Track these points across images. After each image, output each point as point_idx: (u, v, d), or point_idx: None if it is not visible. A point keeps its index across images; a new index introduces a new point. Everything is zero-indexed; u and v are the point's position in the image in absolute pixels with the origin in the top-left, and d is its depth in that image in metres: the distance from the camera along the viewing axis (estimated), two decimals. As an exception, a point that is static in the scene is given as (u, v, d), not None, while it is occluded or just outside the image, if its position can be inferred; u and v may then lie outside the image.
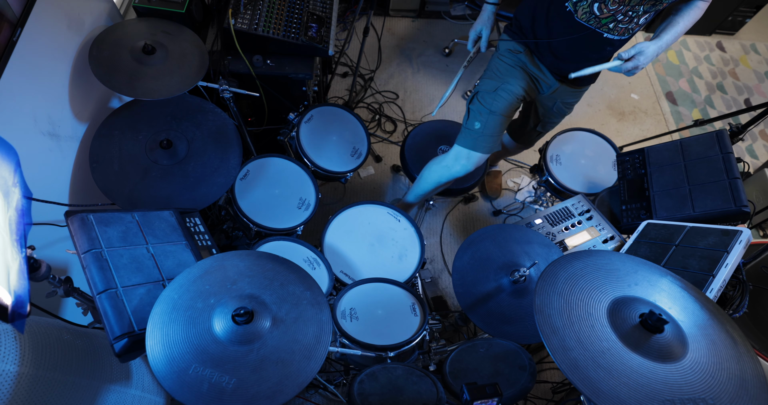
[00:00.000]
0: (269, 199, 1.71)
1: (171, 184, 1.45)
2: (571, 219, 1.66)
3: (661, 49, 1.39)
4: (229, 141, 1.57)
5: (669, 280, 1.03)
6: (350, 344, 1.35)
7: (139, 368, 1.21)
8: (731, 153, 1.49)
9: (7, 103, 1.19)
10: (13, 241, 0.85)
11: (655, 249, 1.37)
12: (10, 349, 0.87)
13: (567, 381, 1.77)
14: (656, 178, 1.59)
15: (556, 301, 0.94)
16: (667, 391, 0.82)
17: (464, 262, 1.42)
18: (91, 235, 1.07)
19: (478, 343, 1.33)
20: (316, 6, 1.94)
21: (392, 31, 3.19)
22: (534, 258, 1.41)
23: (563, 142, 2.03)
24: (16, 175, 0.94)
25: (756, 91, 3.34)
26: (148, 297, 1.05)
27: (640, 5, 1.30)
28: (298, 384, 0.91)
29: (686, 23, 1.40)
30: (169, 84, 1.47)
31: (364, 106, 2.79)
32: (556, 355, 0.86)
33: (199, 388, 0.87)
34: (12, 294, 0.80)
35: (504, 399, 1.09)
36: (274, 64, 1.85)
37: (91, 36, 1.53)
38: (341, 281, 1.57)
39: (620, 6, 1.30)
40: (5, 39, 1.15)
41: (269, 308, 0.99)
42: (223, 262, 1.07)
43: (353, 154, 1.89)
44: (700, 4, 1.39)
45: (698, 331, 0.93)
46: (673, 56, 3.43)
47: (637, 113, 3.08)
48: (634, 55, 1.35)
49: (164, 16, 1.67)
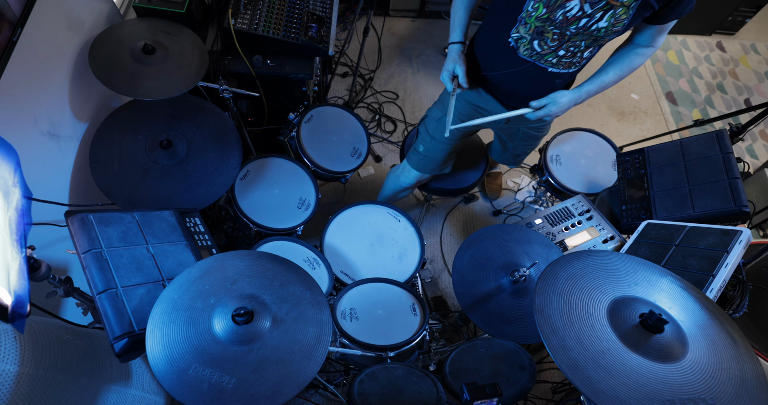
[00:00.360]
0: (269, 199, 1.71)
1: (171, 184, 1.45)
2: (571, 219, 1.66)
3: (580, 99, 1.39)
4: (229, 141, 1.57)
5: (669, 280, 1.03)
6: (350, 344, 1.35)
7: (139, 368, 1.21)
8: (731, 153, 1.49)
9: (7, 103, 1.19)
10: (13, 241, 0.85)
11: (655, 249, 1.37)
12: (10, 349, 0.87)
13: (567, 381, 1.77)
14: (656, 178, 1.59)
15: (556, 301, 0.94)
16: (667, 391, 0.82)
17: (464, 262, 1.42)
18: (91, 235, 1.07)
19: (478, 343, 1.33)
20: (316, 6, 1.94)
21: (392, 31, 3.19)
22: (534, 258, 1.41)
23: (563, 142, 2.03)
24: (16, 175, 0.94)
25: (756, 91, 3.34)
26: (148, 297, 1.05)
27: (581, 41, 1.30)
28: (298, 384, 0.91)
29: (619, 74, 1.39)
30: (169, 84, 1.47)
31: (364, 106, 2.79)
32: (556, 355, 0.86)
33: (199, 388, 0.87)
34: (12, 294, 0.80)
35: (504, 399, 1.09)
36: (274, 64, 1.85)
37: (91, 36, 1.53)
38: (341, 281, 1.57)
39: (560, 42, 1.30)
40: (5, 39, 1.15)
41: (269, 308, 0.99)
42: (223, 262, 1.07)
43: (353, 154, 1.89)
44: (642, 50, 1.37)
45: (698, 331, 0.93)
46: (673, 56, 3.43)
47: (637, 113, 3.08)
48: (545, 104, 1.38)
49: (164, 16, 1.67)
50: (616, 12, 1.20)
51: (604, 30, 1.25)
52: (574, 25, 1.24)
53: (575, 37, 1.28)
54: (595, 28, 1.24)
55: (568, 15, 1.23)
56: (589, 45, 1.32)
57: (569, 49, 1.32)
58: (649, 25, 1.30)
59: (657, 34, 1.33)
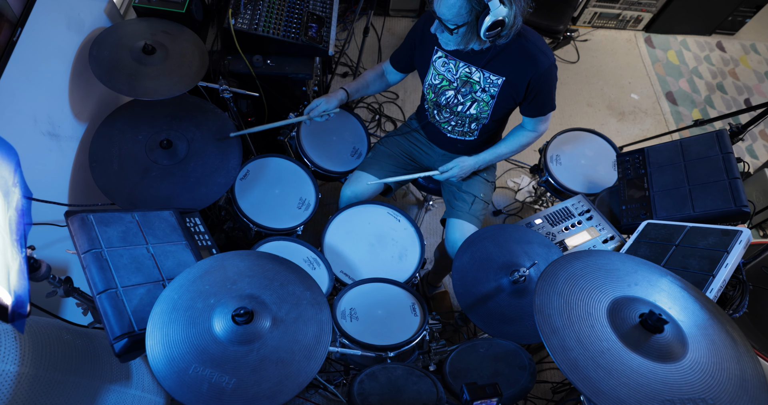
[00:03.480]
0: (269, 199, 1.71)
1: (171, 184, 1.45)
2: (571, 219, 1.66)
3: (477, 164, 1.65)
4: (229, 141, 1.57)
5: (669, 280, 1.03)
6: (350, 344, 1.35)
7: (139, 368, 1.21)
8: (731, 153, 1.49)
9: (7, 103, 1.19)
10: (13, 241, 0.85)
11: (655, 249, 1.37)
12: (10, 349, 0.87)
13: (567, 381, 1.77)
14: (656, 178, 1.59)
15: (556, 301, 0.94)
16: (667, 391, 0.82)
17: (464, 262, 1.42)
18: (91, 235, 1.07)
19: (478, 343, 1.33)
20: (316, 6, 1.94)
21: (392, 31, 3.19)
22: (534, 258, 1.41)
23: (563, 142, 2.03)
24: (16, 175, 0.94)
25: (756, 91, 3.34)
26: (148, 297, 1.05)
27: (464, 118, 1.61)
28: (298, 384, 0.91)
29: (510, 149, 1.66)
30: (169, 84, 1.47)
31: (364, 106, 2.79)
32: (556, 355, 0.86)
33: (199, 388, 0.87)
34: (12, 294, 0.80)
35: (504, 399, 1.09)
36: (274, 64, 1.85)
37: (91, 36, 1.53)
38: (341, 281, 1.57)
39: (450, 116, 1.63)
40: (5, 39, 1.15)
41: (269, 308, 0.99)
42: (223, 262, 1.07)
43: (353, 154, 1.89)
44: (527, 133, 1.64)
45: (698, 331, 0.93)
46: (673, 56, 3.43)
47: (637, 113, 3.08)
48: (451, 168, 1.63)
49: (164, 16, 1.67)
50: (480, 104, 1.53)
51: (475, 115, 1.57)
52: (454, 107, 1.59)
53: (458, 115, 1.60)
54: (468, 113, 1.57)
55: (448, 101, 1.58)
56: (473, 121, 1.61)
57: (458, 122, 1.64)
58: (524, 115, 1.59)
59: (536, 123, 1.60)
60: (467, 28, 1.28)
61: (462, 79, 1.51)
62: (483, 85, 1.49)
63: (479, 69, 1.46)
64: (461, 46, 1.36)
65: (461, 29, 1.28)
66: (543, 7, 2.64)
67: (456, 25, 1.27)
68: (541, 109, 1.53)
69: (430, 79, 1.58)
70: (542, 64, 1.38)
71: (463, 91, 1.52)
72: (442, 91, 1.57)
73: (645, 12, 3.36)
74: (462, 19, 1.25)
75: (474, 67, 1.47)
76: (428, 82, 1.60)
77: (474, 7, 1.22)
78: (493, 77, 1.45)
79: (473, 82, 1.49)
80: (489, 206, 1.80)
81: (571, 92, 3.11)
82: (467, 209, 1.70)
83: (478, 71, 1.46)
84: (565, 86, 3.13)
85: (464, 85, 1.51)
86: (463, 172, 1.64)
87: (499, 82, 1.45)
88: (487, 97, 1.51)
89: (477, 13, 1.23)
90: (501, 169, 2.68)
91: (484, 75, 1.46)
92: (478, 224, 1.69)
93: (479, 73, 1.47)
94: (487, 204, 1.75)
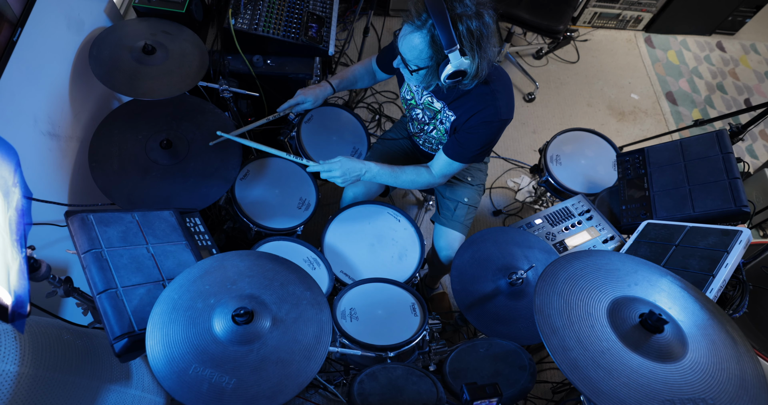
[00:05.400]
0: (269, 199, 1.71)
1: (171, 184, 1.45)
2: (571, 219, 1.66)
3: (365, 172, 1.46)
4: (228, 141, 1.56)
5: (669, 280, 1.03)
6: (350, 344, 1.35)
7: (139, 368, 1.21)
8: (731, 153, 1.49)
9: (7, 103, 1.19)
10: (13, 241, 0.85)
11: (655, 249, 1.37)
12: (10, 349, 0.87)
13: (567, 381, 1.77)
14: (656, 178, 1.59)
15: (555, 301, 0.94)
16: (667, 391, 0.82)
17: (464, 260, 1.42)
18: (91, 235, 1.07)
19: (478, 343, 1.33)
20: (316, 6, 1.94)
21: (392, 31, 3.18)
22: (533, 262, 1.41)
23: (563, 142, 2.03)
24: (16, 175, 0.94)
25: (756, 91, 3.34)
26: (148, 297, 1.05)
27: (431, 138, 1.64)
28: (298, 384, 0.91)
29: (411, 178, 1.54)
30: (169, 84, 1.47)
31: (364, 106, 2.79)
32: (556, 355, 0.86)
33: (199, 388, 0.87)
34: (12, 294, 0.80)
35: (504, 399, 1.09)
36: (274, 64, 1.85)
37: (91, 36, 1.53)
38: (341, 281, 1.57)
39: (420, 132, 1.66)
40: (5, 39, 1.15)
41: (269, 308, 0.99)
42: (223, 262, 1.07)
43: (353, 154, 1.89)
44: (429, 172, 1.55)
45: (698, 331, 0.93)
46: (673, 56, 3.43)
47: (637, 113, 3.08)
48: (332, 163, 1.43)
49: (164, 16, 1.67)
50: (439, 129, 1.54)
51: (438, 138, 1.59)
52: (422, 125, 1.61)
53: (426, 133, 1.63)
54: (432, 135, 1.60)
55: (417, 117, 1.60)
56: (440, 139, 1.59)
57: (425, 139, 1.67)
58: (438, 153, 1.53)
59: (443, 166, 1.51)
60: (428, 72, 1.26)
61: (426, 104, 1.51)
62: (440, 117, 1.49)
63: (440, 101, 1.45)
64: (422, 85, 1.37)
65: (421, 71, 1.26)
66: (543, 7, 2.64)
67: (417, 67, 1.25)
68: (455, 151, 1.45)
69: (404, 93, 1.59)
70: (489, 114, 1.33)
71: (428, 114, 1.53)
72: (412, 107, 1.59)
73: (645, 12, 3.36)
74: (423, 63, 1.24)
75: (435, 99, 1.46)
76: (402, 95, 1.60)
77: (435, 55, 1.20)
78: (449, 112, 1.44)
79: (435, 111, 1.49)
80: (476, 210, 1.77)
81: (571, 92, 3.11)
82: (450, 216, 1.70)
83: (439, 102, 1.46)
84: (565, 86, 3.13)
85: (428, 110, 1.52)
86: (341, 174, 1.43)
87: (452, 118, 1.44)
88: (443, 128, 1.51)
89: (438, 59, 1.21)
90: (501, 169, 2.68)
91: (443, 109, 1.46)
92: (463, 229, 1.69)
93: (440, 104, 1.46)
94: (473, 208, 1.73)
